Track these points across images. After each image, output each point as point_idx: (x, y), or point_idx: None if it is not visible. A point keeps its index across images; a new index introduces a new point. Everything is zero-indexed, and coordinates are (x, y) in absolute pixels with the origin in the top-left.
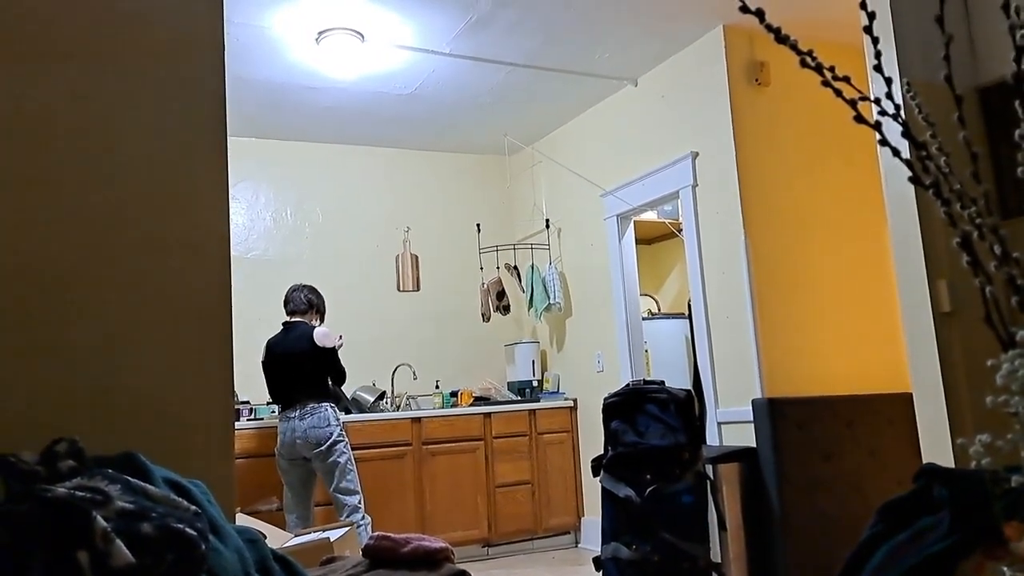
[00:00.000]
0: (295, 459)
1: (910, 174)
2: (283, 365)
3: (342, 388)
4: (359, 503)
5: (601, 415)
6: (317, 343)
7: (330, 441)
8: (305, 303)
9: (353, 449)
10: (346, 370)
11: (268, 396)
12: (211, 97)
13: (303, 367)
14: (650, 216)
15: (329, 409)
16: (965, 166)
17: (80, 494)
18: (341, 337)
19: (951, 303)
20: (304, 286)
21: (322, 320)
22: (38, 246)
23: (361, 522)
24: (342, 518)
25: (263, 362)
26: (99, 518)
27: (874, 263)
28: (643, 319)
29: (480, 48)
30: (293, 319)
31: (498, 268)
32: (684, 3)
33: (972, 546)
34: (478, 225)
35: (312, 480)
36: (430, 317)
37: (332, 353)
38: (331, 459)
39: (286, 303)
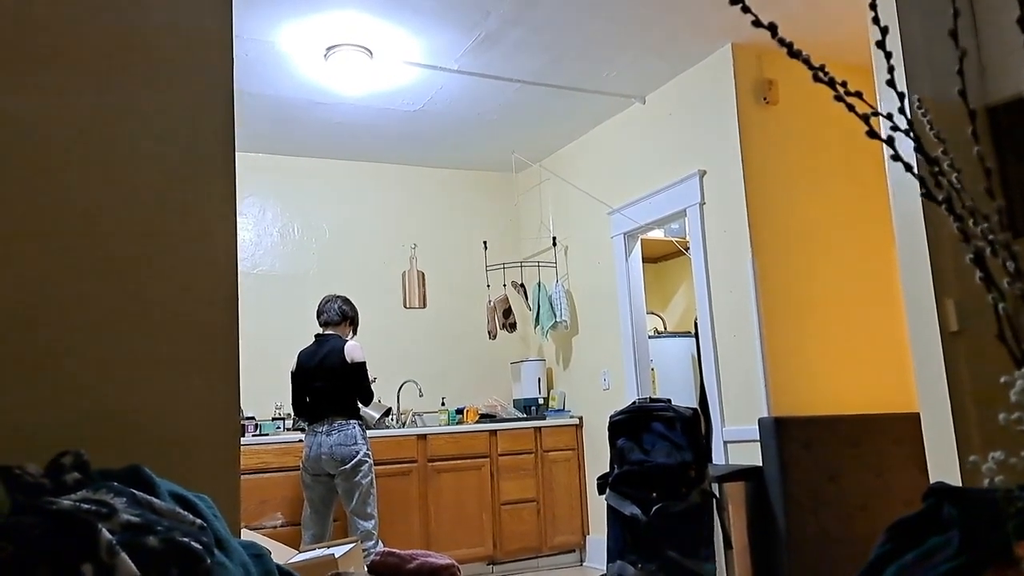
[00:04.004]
0: (319, 475)
1: (921, 191)
2: (313, 379)
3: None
4: (373, 528)
5: (607, 433)
6: (347, 358)
7: (355, 460)
8: (339, 314)
9: None
10: (373, 392)
11: (275, 410)
12: (219, 112)
13: (333, 383)
14: (657, 234)
15: (357, 427)
16: (976, 182)
17: (85, 507)
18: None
19: (959, 322)
20: (338, 297)
21: (355, 332)
22: (43, 260)
23: (373, 548)
24: None
25: (292, 373)
26: (104, 531)
27: (881, 282)
28: (649, 337)
29: (488, 65)
30: (326, 331)
31: (505, 285)
32: (692, 21)
33: (982, 566)
34: (485, 242)
35: (333, 499)
36: (436, 334)
37: (362, 368)
38: (355, 479)
39: (319, 314)
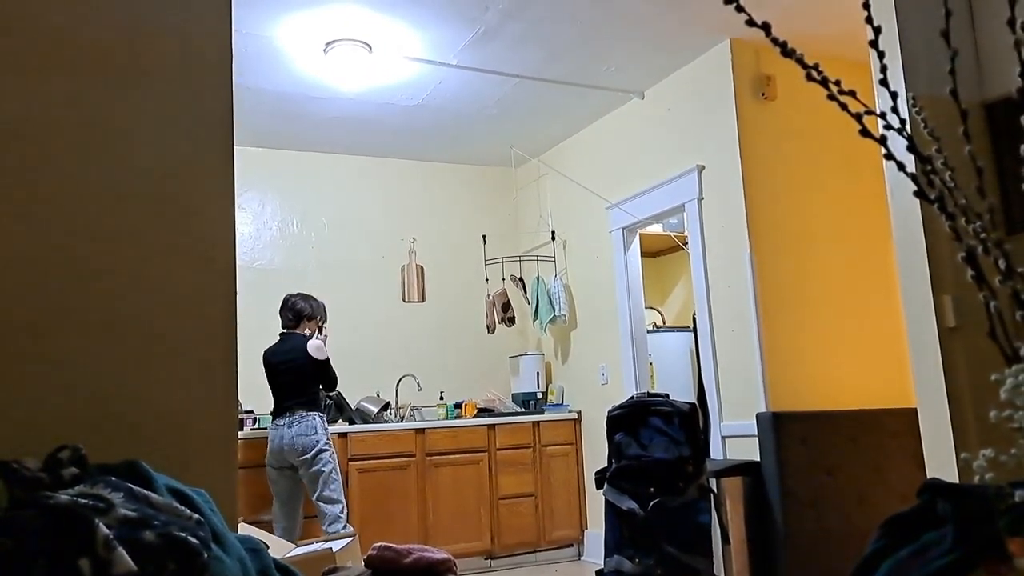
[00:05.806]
0: (283, 467)
1: (915, 188)
2: (276, 374)
3: (343, 396)
4: (341, 512)
5: (605, 428)
6: (312, 355)
7: (316, 449)
8: (294, 318)
9: (357, 460)
10: (338, 377)
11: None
12: (218, 107)
13: (295, 377)
14: (656, 229)
15: (317, 418)
16: (970, 180)
17: (83, 501)
18: (325, 336)
19: (956, 318)
20: (292, 298)
21: (324, 321)
22: (44, 255)
23: (342, 529)
24: (324, 527)
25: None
26: (101, 525)
27: (879, 277)
28: (648, 332)
29: (487, 60)
30: (289, 331)
31: (503, 280)
32: (691, 17)
33: (975, 562)
34: (484, 237)
35: (299, 491)
36: (435, 328)
37: (326, 364)
38: (315, 468)
39: (281, 316)
